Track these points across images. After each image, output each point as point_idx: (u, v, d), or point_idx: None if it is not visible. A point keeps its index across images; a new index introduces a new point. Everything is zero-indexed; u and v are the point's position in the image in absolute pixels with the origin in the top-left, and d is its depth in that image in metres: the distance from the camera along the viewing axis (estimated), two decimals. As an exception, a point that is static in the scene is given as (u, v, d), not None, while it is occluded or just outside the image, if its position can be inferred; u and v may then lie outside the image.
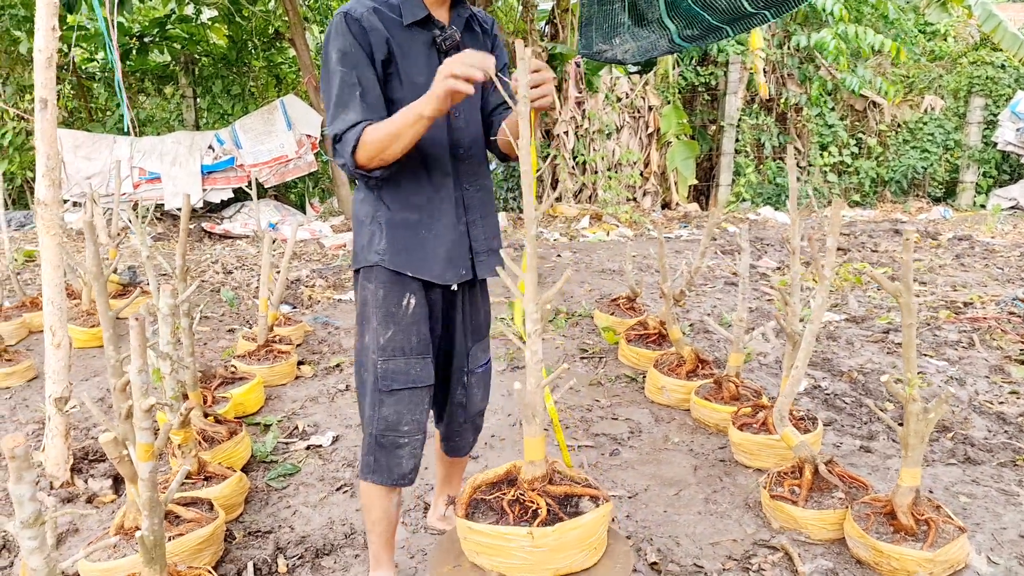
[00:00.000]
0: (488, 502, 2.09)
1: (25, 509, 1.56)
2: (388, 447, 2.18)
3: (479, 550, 2.02)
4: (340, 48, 1.98)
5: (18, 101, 10.12)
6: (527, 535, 1.92)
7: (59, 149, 3.09)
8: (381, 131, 1.92)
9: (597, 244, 9.06)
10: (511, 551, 1.96)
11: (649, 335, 4.62)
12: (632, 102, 11.19)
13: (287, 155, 9.81)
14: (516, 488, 2.03)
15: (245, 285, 6.87)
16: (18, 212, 9.66)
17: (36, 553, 1.62)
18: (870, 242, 8.69)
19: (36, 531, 1.59)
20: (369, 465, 2.22)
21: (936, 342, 4.89)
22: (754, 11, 4.32)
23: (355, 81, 1.97)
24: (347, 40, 1.97)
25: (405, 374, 2.15)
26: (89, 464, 3.25)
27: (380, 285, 2.14)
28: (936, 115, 11.79)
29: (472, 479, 2.19)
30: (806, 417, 3.29)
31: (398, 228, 2.12)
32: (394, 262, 2.11)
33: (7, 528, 1.60)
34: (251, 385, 3.88)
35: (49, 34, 2.89)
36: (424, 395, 2.20)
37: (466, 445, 2.57)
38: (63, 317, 3.05)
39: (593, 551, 2.01)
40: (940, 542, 2.39)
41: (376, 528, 2.31)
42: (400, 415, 2.16)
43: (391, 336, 2.14)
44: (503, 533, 1.96)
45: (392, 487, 2.24)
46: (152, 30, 10.30)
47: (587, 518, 1.97)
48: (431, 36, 2.09)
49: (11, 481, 1.53)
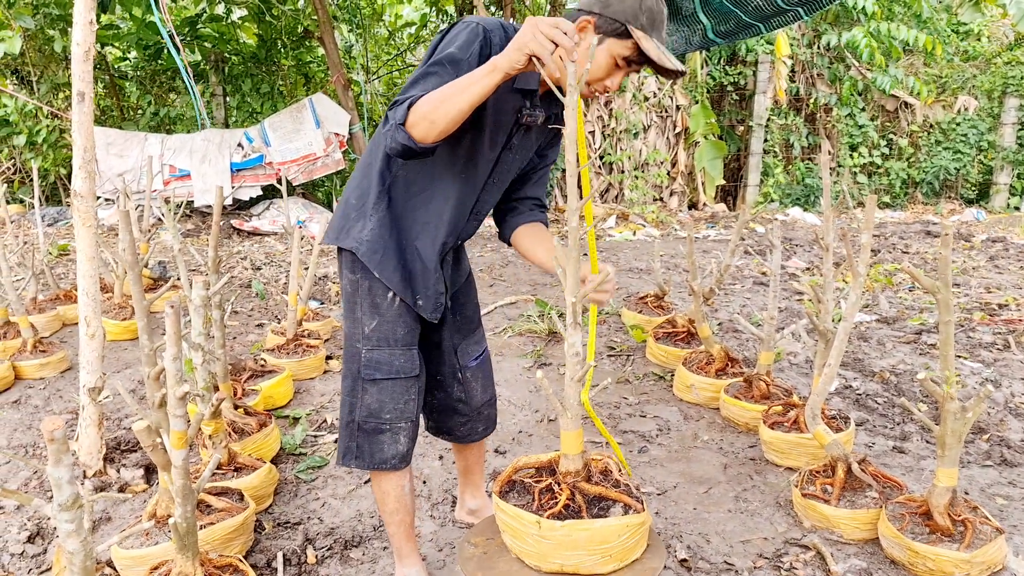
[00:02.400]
0: (527, 485, 2.10)
1: (63, 492, 1.57)
2: (370, 432, 2.19)
3: (504, 528, 2.05)
4: (459, 50, 1.92)
5: (52, 99, 10.26)
6: (535, 523, 1.93)
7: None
8: (439, 91, 1.82)
9: (623, 243, 9.03)
10: (524, 536, 1.97)
11: (677, 333, 4.59)
12: (660, 101, 11.13)
13: (315, 153, 9.85)
14: (553, 478, 2.04)
15: (273, 281, 6.92)
16: (52, 208, 9.79)
17: (73, 536, 1.63)
18: (901, 243, 8.57)
19: (74, 514, 1.61)
20: (351, 451, 2.22)
21: (970, 344, 4.82)
22: (787, 8, 4.29)
23: (452, 76, 1.90)
24: (471, 49, 1.93)
25: (388, 364, 2.16)
26: (121, 454, 3.28)
27: (364, 277, 2.15)
28: (969, 116, 11.61)
29: (516, 460, 2.20)
30: (838, 416, 3.25)
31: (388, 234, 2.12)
32: (372, 261, 2.11)
33: (45, 511, 1.62)
34: (280, 378, 3.91)
35: (87, 28, 2.93)
36: (408, 385, 2.20)
37: (472, 434, 2.55)
38: (97, 308, 3.08)
39: (608, 558, 1.96)
40: (977, 543, 2.35)
41: (394, 519, 2.31)
42: (382, 403, 2.17)
43: (376, 326, 2.15)
44: (517, 515, 1.98)
45: (388, 472, 2.23)
46: (183, 29, 10.40)
47: (600, 523, 1.94)
48: (520, 104, 2.07)
49: (50, 464, 1.55)
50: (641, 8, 1.94)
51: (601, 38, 1.96)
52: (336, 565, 2.55)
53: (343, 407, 2.23)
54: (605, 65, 1.99)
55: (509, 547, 2.05)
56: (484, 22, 1.99)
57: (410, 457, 2.27)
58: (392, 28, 13.17)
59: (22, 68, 10.12)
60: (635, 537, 1.99)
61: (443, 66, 1.91)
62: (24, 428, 3.67)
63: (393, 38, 13.27)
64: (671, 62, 1.95)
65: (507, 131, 2.10)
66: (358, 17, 11.74)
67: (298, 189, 10.58)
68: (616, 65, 2.00)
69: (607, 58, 1.98)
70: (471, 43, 1.94)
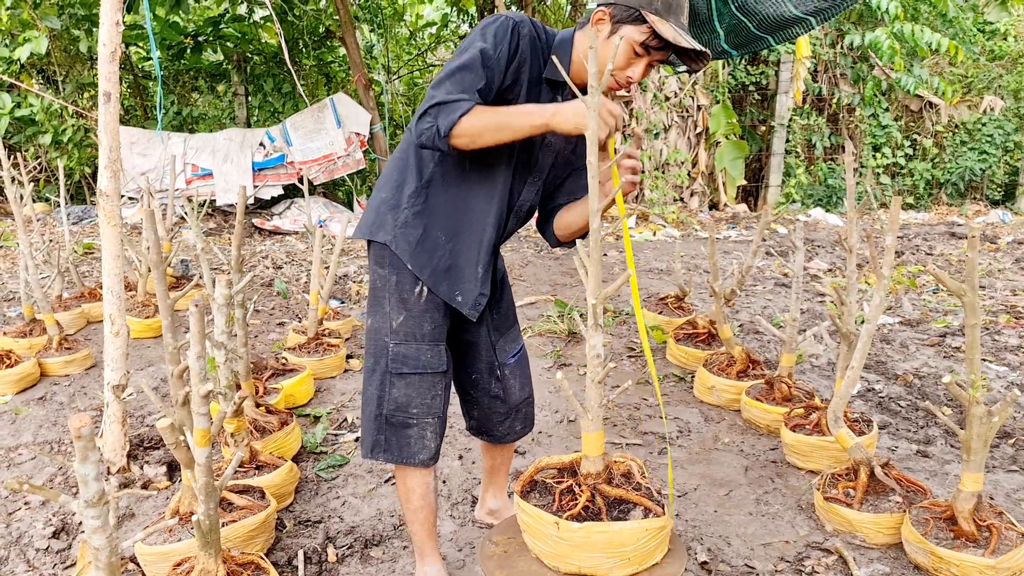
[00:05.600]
0: (548, 485, 2.10)
1: (90, 488, 1.59)
2: (398, 426, 2.20)
3: (525, 528, 2.05)
4: (490, 45, 1.97)
5: (77, 98, 10.38)
6: (554, 523, 1.93)
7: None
8: (492, 115, 1.91)
9: (644, 244, 9.00)
10: (543, 536, 1.97)
11: (698, 334, 4.56)
12: (681, 101, 11.08)
13: (336, 152, 9.91)
14: (575, 479, 2.03)
15: (295, 280, 6.96)
16: (77, 207, 9.90)
17: (99, 532, 1.65)
18: (925, 245, 8.49)
19: (100, 510, 1.62)
20: (380, 444, 2.23)
21: (996, 347, 4.76)
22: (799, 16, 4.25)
23: (482, 78, 1.95)
24: (501, 46, 1.97)
25: (415, 359, 2.17)
26: (144, 451, 3.31)
27: (393, 271, 2.16)
28: (996, 116, 11.47)
29: (539, 460, 2.19)
30: (860, 419, 3.22)
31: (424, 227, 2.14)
32: (405, 253, 2.13)
33: (71, 507, 1.63)
34: (301, 377, 3.93)
35: (113, 28, 2.95)
36: (436, 381, 2.20)
37: (511, 433, 2.53)
38: (122, 306, 3.11)
39: (627, 561, 1.95)
40: (1003, 549, 2.31)
41: (417, 516, 2.30)
42: (409, 398, 2.18)
43: (403, 321, 2.16)
44: (537, 515, 1.98)
45: (417, 467, 2.24)
46: (206, 29, 10.49)
47: (619, 526, 1.93)
48: (551, 98, 2.12)
49: (77, 461, 1.56)
50: None
51: (617, 26, 1.99)
52: (356, 564, 2.56)
53: (369, 401, 2.23)
54: (624, 54, 2.01)
55: (529, 547, 2.05)
56: (514, 16, 2.02)
57: (438, 455, 2.27)
58: (413, 28, 13.22)
59: (48, 68, 10.26)
60: (654, 541, 1.97)
61: (473, 68, 1.94)
62: (49, 424, 3.72)
63: (414, 38, 13.31)
64: (688, 42, 1.96)
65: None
66: (379, 17, 11.79)
67: (319, 188, 10.65)
68: (635, 53, 2.01)
69: (625, 46, 1.99)
70: (500, 40, 1.97)
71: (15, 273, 6.92)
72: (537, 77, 2.08)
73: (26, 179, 4.84)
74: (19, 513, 2.88)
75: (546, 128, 1.90)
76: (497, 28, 1.99)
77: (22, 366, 4.14)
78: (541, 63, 2.08)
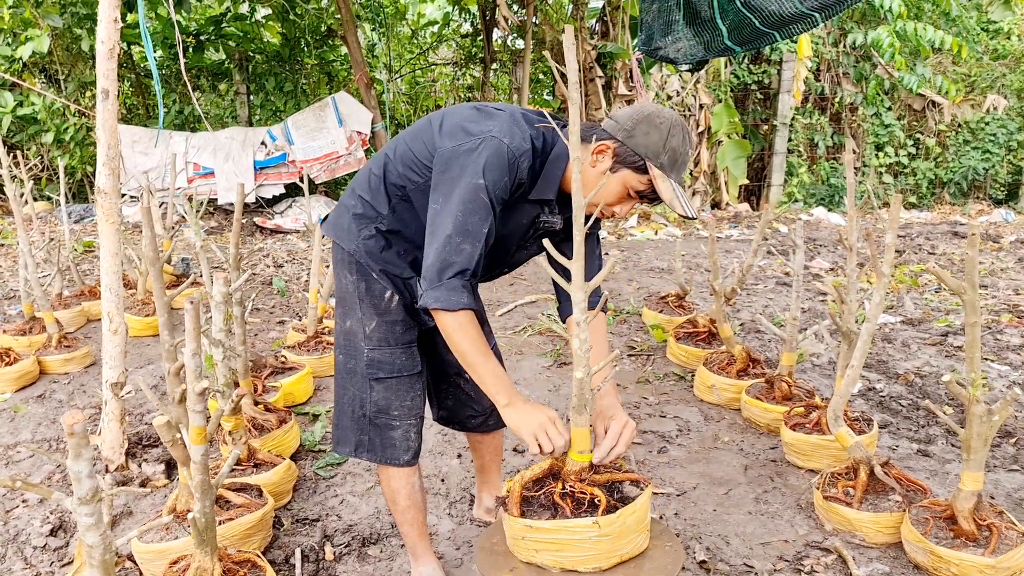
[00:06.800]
0: (537, 499, 2.02)
1: (83, 486, 1.58)
2: (381, 427, 2.21)
3: (540, 548, 1.94)
4: (492, 183, 1.90)
5: (79, 97, 10.38)
6: (593, 525, 1.88)
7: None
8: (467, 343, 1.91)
9: (645, 243, 8.99)
10: (577, 544, 1.90)
11: (698, 333, 4.55)
12: (683, 100, 11.06)
13: (338, 151, 9.90)
14: (562, 481, 2.00)
15: (295, 278, 6.96)
16: (78, 205, 9.91)
17: (93, 530, 1.64)
18: (927, 244, 8.47)
19: (93, 508, 1.62)
20: (364, 444, 2.23)
21: (998, 346, 4.74)
22: (803, 12, 4.24)
23: (487, 223, 1.91)
24: (502, 181, 1.92)
25: (391, 364, 2.18)
26: (143, 449, 3.31)
27: (361, 278, 2.16)
28: (999, 115, 11.44)
29: (519, 477, 2.08)
30: (861, 418, 3.21)
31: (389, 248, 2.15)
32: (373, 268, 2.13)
33: (65, 505, 1.63)
34: (300, 375, 3.92)
35: (111, 26, 2.95)
36: (412, 382, 2.22)
37: (484, 426, 2.55)
38: (120, 304, 3.11)
39: (647, 532, 2.00)
40: (1003, 548, 2.30)
41: (406, 516, 2.31)
42: (389, 401, 2.19)
43: (375, 327, 2.17)
44: (568, 527, 1.90)
45: (402, 467, 2.24)
46: (208, 28, 10.49)
47: (641, 500, 1.95)
48: (538, 212, 2.11)
49: (70, 458, 1.55)
50: (665, 147, 1.95)
51: (617, 166, 1.98)
52: (354, 562, 2.55)
53: (352, 400, 2.22)
54: (616, 192, 2.02)
55: (547, 564, 1.95)
56: (514, 148, 1.93)
57: (419, 452, 2.28)
58: (415, 27, 13.20)
59: (50, 66, 10.25)
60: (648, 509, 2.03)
61: (485, 203, 1.90)
62: (48, 422, 3.71)
63: (416, 37, 13.30)
64: (683, 208, 1.97)
65: (523, 234, 2.16)
66: (381, 16, 11.78)
67: (320, 187, 10.64)
68: (628, 195, 2.03)
69: (620, 187, 2.01)
70: (499, 180, 1.92)
71: (15, 271, 6.92)
72: (525, 196, 2.05)
73: (26, 177, 4.84)
74: (17, 511, 2.88)
75: (498, 402, 1.93)
76: (499, 162, 1.91)
77: (21, 364, 4.14)
78: (535, 181, 2.06)
